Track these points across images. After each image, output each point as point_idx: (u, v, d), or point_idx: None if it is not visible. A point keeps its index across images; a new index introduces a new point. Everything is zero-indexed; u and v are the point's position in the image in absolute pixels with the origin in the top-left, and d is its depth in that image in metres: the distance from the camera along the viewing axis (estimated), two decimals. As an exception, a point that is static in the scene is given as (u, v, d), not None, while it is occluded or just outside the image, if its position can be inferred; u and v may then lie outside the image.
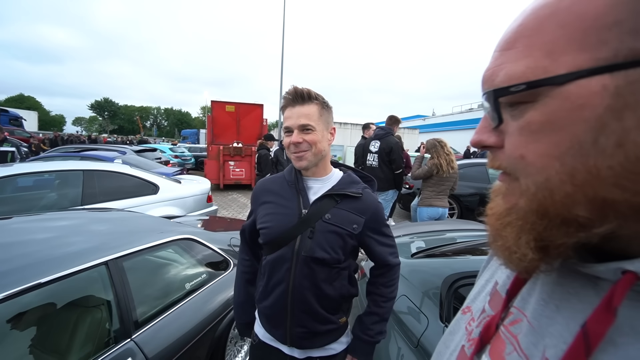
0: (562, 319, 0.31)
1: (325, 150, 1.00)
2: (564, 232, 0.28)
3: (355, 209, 1.00)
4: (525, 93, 0.28)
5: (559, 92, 0.26)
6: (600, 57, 0.24)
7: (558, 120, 0.26)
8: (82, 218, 2.01)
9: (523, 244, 0.31)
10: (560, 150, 0.26)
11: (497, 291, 0.42)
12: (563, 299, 0.32)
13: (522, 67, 0.28)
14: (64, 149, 7.87)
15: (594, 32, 0.24)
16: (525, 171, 0.29)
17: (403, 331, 1.52)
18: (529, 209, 0.30)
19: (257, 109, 10.30)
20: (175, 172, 5.98)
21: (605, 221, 0.26)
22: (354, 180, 1.05)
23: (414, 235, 2.54)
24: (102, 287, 1.39)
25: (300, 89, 0.95)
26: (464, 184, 5.54)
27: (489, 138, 0.33)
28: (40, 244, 1.45)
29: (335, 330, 1.05)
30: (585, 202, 0.26)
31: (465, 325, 0.45)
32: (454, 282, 1.44)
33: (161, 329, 1.48)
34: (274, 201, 1.04)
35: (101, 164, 4.01)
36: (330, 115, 1.01)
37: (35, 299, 1.20)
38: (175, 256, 1.90)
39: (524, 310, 0.35)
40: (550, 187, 0.27)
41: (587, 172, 0.25)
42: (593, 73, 0.24)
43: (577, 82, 0.25)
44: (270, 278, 1.02)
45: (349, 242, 0.99)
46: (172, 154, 12.31)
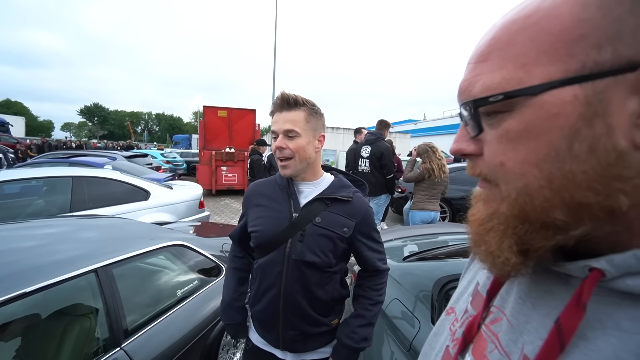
0: (538, 316, 0.32)
1: (312, 157, 1.00)
2: (542, 236, 0.29)
3: (346, 213, 1.00)
4: (502, 103, 0.29)
5: (535, 101, 0.27)
6: (570, 68, 0.26)
7: (535, 128, 0.28)
8: (71, 225, 1.97)
9: (506, 248, 0.32)
10: (538, 157, 0.28)
11: (479, 291, 0.43)
12: (538, 296, 0.33)
13: (498, 78, 0.29)
14: (52, 155, 7.75)
15: (561, 45, 0.26)
16: (505, 178, 0.31)
17: (396, 335, 1.52)
18: (510, 214, 0.31)
19: (249, 114, 10.28)
20: (167, 178, 5.92)
21: (581, 224, 0.28)
22: (344, 184, 1.06)
23: (406, 239, 2.55)
24: (91, 295, 1.36)
25: (288, 95, 0.96)
26: (455, 187, 5.59)
27: (468, 146, 0.34)
28: (26, 252, 1.42)
29: (327, 333, 1.05)
30: (563, 205, 0.27)
31: (449, 326, 0.46)
32: (445, 284, 1.46)
33: (152, 337, 1.46)
34: (265, 204, 1.05)
35: (91, 170, 3.95)
36: (319, 122, 1.01)
37: (21, 309, 1.18)
38: (167, 263, 1.88)
39: (503, 309, 0.37)
40: (529, 193, 0.29)
41: (563, 177, 0.27)
42: (564, 84, 0.26)
43: (550, 92, 0.27)
44: (261, 282, 1.03)
45: (339, 245, 0.99)
46: (164, 160, 12.18)
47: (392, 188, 4.27)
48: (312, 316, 1.00)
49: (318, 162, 1.06)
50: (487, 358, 0.35)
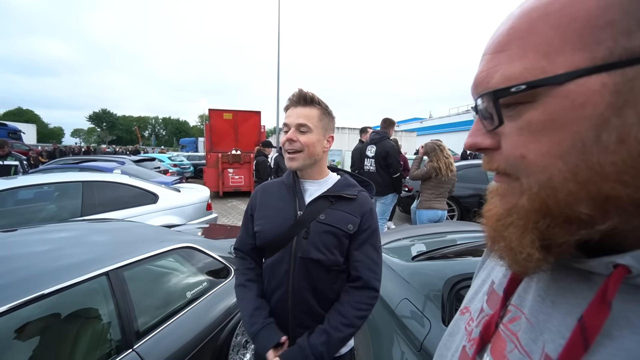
0: (558, 315, 0.31)
1: (320, 155, 1.01)
2: (566, 230, 0.28)
3: (351, 210, 1.00)
4: (524, 93, 0.28)
5: (559, 91, 0.26)
6: (597, 56, 0.25)
7: (559, 119, 0.27)
8: (82, 229, 2.01)
9: (528, 244, 0.30)
10: (563, 149, 0.27)
11: (494, 290, 0.42)
12: (558, 294, 0.33)
13: (518, 68, 0.28)
14: (62, 161, 7.89)
15: (588, 32, 0.25)
16: (526, 170, 0.29)
17: (406, 335, 1.51)
18: (530, 208, 0.30)
19: (254, 116, 10.34)
20: (175, 181, 5.98)
21: (608, 218, 0.26)
22: (350, 183, 1.07)
23: (414, 238, 2.54)
24: (103, 297, 1.38)
25: (305, 92, 0.99)
26: (463, 185, 5.55)
27: (484, 140, 0.33)
28: (40, 256, 1.45)
29: None
30: (588, 199, 0.26)
31: (465, 326, 0.45)
32: (456, 283, 1.44)
33: (163, 339, 1.48)
34: (271, 204, 1.06)
35: (100, 174, 4.02)
36: (330, 123, 1.04)
37: (36, 311, 1.20)
38: (176, 265, 1.90)
39: (521, 308, 0.36)
40: (553, 186, 0.28)
41: (590, 169, 0.26)
42: (591, 72, 0.25)
43: (577, 81, 0.26)
44: (270, 282, 1.03)
45: (344, 242, 0.99)
46: (171, 163, 12.30)
47: (398, 187, 4.24)
48: (321, 314, 0.99)
49: (324, 161, 1.07)
50: (507, 358, 0.34)
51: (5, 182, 3.08)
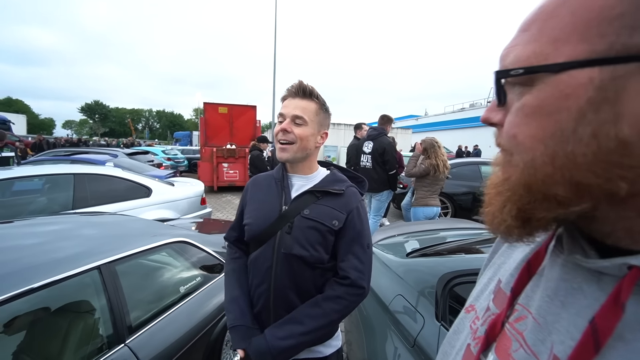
0: (568, 315, 0.31)
1: (311, 150, 1.01)
2: (545, 207, 0.30)
3: (337, 206, 0.98)
4: (524, 77, 0.29)
5: (553, 79, 0.27)
6: (596, 49, 0.25)
7: (547, 106, 0.28)
8: (73, 222, 1.97)
9: (506, 212, 0.33)
10: (545, 134, 0.28)
11: (501, 289, 0.42)
12: (568, 294, 0.32)
13: (529, 51, 0.29)
14: (53, 153, 7.74)
15: (595, 23, 0.25)
16: (516, 149, 0.31)
17: (399, 330, 1.52)
18: (517, 183, 0.32)
19: (250, 110, 10.25)
20: (168, 175, 5.92)
21: (581, 201, 0.28)
22: (338, 178, 1.05)
23: (408, 235, 2.55)
24: (95, 292, 1.36)
25: (305, 84, 0.98)
26: (457, 183, 5.60)
27: (495, 116, 0.35)
28: (30, 249, 1.42)
29: None
30: (563, 182, 0.28)
31: (470, 324, 0.45)
32: (449, 280, 1.45)
33: (155, 334, 1.46)
34: (260, 197, 1.06)
35: (92, 167, 3.95)
36: (326, 119, 1.03)
37: (26, 305, 1.17)
38: (169, 259, 1.88)
39: (528, 307, 0.36)
40: (534, 166, 0.29)
41: (565, 157, 0.27)
42: (584, 65, 0.25)
43: (570, 72, 0.26)
44: (253, 277, 1.03)
45: (329, 238, 0.96)
46: (165, 157, 12.17)
47: (394, 184, 4.25)
48: None
49: (315, 157, 1.06)
50: (512, 357, 0.34)
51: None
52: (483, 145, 17.19)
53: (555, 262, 0.35)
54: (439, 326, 1.37)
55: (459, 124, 25.12)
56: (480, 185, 5.67)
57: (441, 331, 1.35)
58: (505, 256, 0.46)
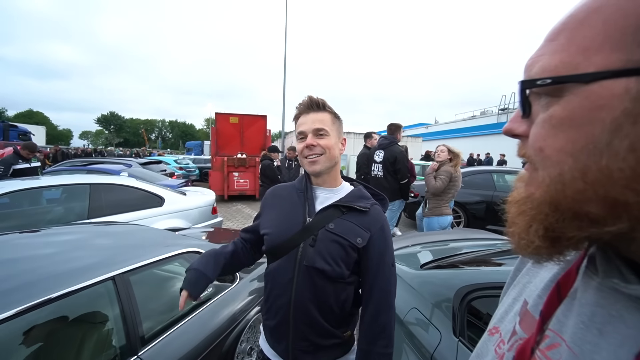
0: (608, 346, 0.29)
1: (337, 157, 1.01)
2: (575, 226, 0.28)
3: (361, 223, 0.97)
4: (551, 87, 0.28)
5: (583, 90, 0.26)
6: (633, 58, 0.24)
7: (577, 118, 0.26)
8: (88, 232, 2.00)
9: (532, 232, 0.31)
10: (575, 147, 0.27)
11: (528, 311, 0.39)
12: (606, 322, 0.30)
13: (557, 60, 0.28)
14: (70, 163, 7.97)
15: (632, 32, 0.24)
16: (542, 163, 0.30)
17: (414, 345, 1.47)
18: (542, 200, 0.30)
19: (260, 120, 10.39)
20: (180, 184, 6.00)
21: (618, 221, 0.26)
22: (363, 195, 1.04)
23: (422, 246, 2.50)
24: (109, 302, 1.37)
25: (316, 97, 1.00)
26: (469, 192, 5.50)
27: (519, 127, 0.33)
28: (46, 260, 1.45)
29: (339, 345, 1.01)
30: (597, 199, 0.26)
31: (495, 348, 0.42)
32: (467, 294, 1.40)
33: (168, 345, 1.46)
34: (281, 207, 1.05)
35: (107, 177, 4.04)
36: (340, 127, 1.04)
37: (42, 316, 1.19)
38: (181, 270, 1.88)
39: (561, 334, 0.33)
40: (563, 182, 0.28)
41: (598, 172, 0.25)
42: (619, 75, 0.24)
43: (602, 82, 0.25)
44: (272, 289, 1.01)
45: (351, 255, 0.95)
46: (177, 166, 12.38)
47: (406, 193, 4.21)
48: (324, 326, 0.96)
49: (339, 167, 1.05)
50: None
51: (13, 184, 3.11)
52: (494, 153, 16.93)
53: (589, 284, 0.33)
54: (457, 342, 1.33)
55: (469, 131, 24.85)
56: (493, 194, 5.55)
57: (459, 347, 1.30)
58: (531, 275, 0.44)
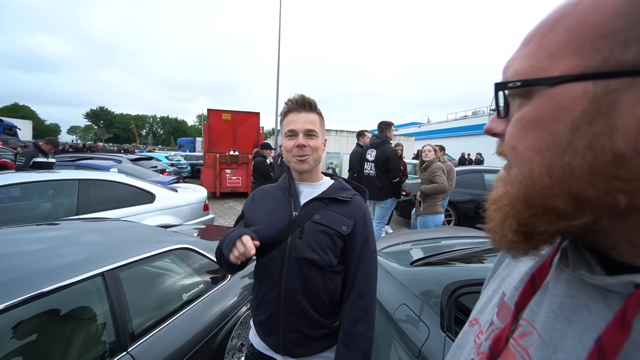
0: (574, 333, 0.30)
1: (321, 157, 1.06)
2: (545, 221, 0.30)
3: (345, 212, 1.02)
4: (522, 90, 0.30)
5: (549, 92, 0.28)
6: (590, 64, 0.26)
7: (543, 118, 0.28)
8: (77, 228, 1.98)
9: (506, 227, 0.33)
10: (542, 146, 0.29)
11: (505, 302, 0.41)
12: (573, 311, 0.32)
13: (527, 64, 0.30)
14: (58, 158, 7.81)
15: (590, 39, 0.26)
16: (515, 161, 0.32)
17: (403, 340, 1.50)
18: (515, 196, 0.32)
19: (253, 117, 10.32)
20: (172, 181, 5.95)
21: (582, 215, 0.28)
22: (344, 186, 1.09)
23: (412, 243, 2.53)
24: (98, 299, 1.36)
25: (308, 97, 1.03)
26: (460, 191, 5.57)
27: (498, 126, 0.35)
28: (32, 256, 1.43)
29: (329, 336, 1.03)
30: (562, 195, 0.28)
31: (474, 338, 0.44)
32: (454, 290, 1.43)
33: (158, 341, 1.45)
34: (267, 205, 1.09)
35: (97, 173, 3.98)
36: (324, 127, 1.08)
37: (28, 312, 1.17)
38: (172, 266, 1.88)
39: (533, 323, 0.35)
40: (532, 178, 0.29)
41: (562, 168, 0.27)
42: (579, 79, 0.26)
43: (564, 85, 0.27)
44: (262, 283, 1.04)
45: (338, 243, 0.99)
46: (169, 163, 12.24)
47: (398, 192, 4.24)
48: (313, 317, 0.99)
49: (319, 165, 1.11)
50: None
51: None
52: (486, 153, 17.16)
53: (560, 276, 0.35)
54: (444, 337, 1.35)
55: (461, 131, 25.11)
56: (483, 193, 5.63)
57: (446, 342, 1.33)
58: (510, 268, 0.46)
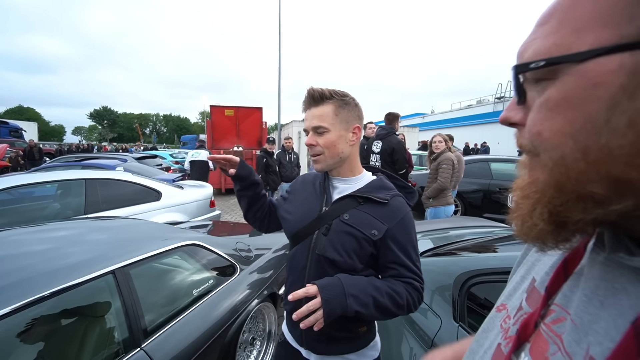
0: (608, 316, 0.29)
1: (345, 151, 0.96)
2: (581, 208, 0.28)
3: (379, 215, 0.93)
4: (545, 70, 0.28)
5: (577, 69, 0.26)
6: (624, 34, 0.23)
7: (573, 98, 0.26)
8: (87, 227, 1.99)
9: (536, 215, 0.31)
10: (574, 128, 0.26)
11: (535, 288, 0.40)
12: (609, 294, 0.30)
13: (549, 43, 0.28)
14: (64, 159, 7.88)
15: (623, 6, 0.24)
16: (543, 147, 0.30)
17: (415, 331, 1.50)
18: (547, 183, 0.30)
19: (256, 112, 10.29)
20: (177, 178, 5.97)
21: (622, 199, 0.25)
22: (384, 185, 0.99)
23: (422, 234, 2.52)
24: (110, 296, 1.37)
25: (314, 90, 0.94)
26: (467, 181, 5.52)
27: (516, 115, 0.33)
28: (44, 255, 1.44)
29: (353, 339, 1.00)
30: (600, 179, 0.26)
31: (501, 323, 0.43)
32: (466, 280, 1.42)
33: (170, 337, 1.47)
34: (302, 195, 1.09)
35: (103, 172, 4.00)
36: (351, 113, 0.96)
37: (43, 311, 1.18)
38: (181, 262, 1.89)
39: (567, 308, 0.33)
40: (565, 164, 0.27)
41: (599, 151, 0.25)
42: (612, 51, 0.24)
43: (596, 59, 0.25)
44: (289, 275, 1.06)
45: (366, 248, 0.92)
46: (173, 160, 12.29)
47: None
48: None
49: (355, 156, 1.01)
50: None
51: (8, 179, 3.07)
52: (491, 142, 16.98)
53: (596, 260, 0.33)
54: (457, 327, 1.35)
55: (466, 121, 24.84)
56: (490, 183, 5.59)
57: (459, 332, 1.32)
58: (540, 253, 0.44)
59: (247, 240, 2.63)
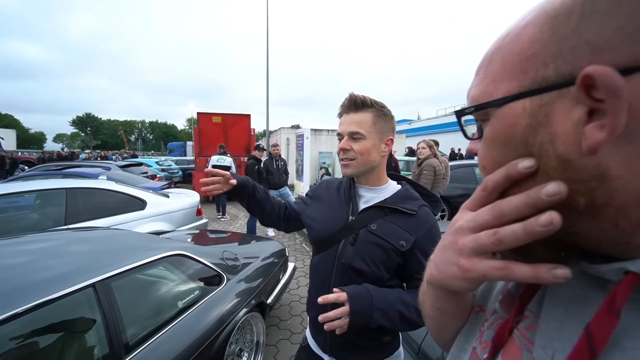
0: (571, 323, 0.30)
1: (376, 160, 0.96)
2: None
3: (407, 226, 0.92)
4: (478, 113, 0.34)
5: (498, 113, 0.32)
6: (523, 84, 0.30)
7: (500, 136, 0.32)
8: (66, 238, 1.92)
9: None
10: (507, 161, 0.31)
11: (509, 291, 0.41)
12: (571, 302, 0.32)
13: (478, 91, 0.34)
14: (44, 167, 7.62)
15: (518, 63, 0.30)
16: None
17: (403, 337, 1.50)
18: None
19: (244, 119, 10.24)
20: (163, 186, 5.86)
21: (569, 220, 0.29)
22: (410, 195, 0.99)
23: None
24: (90, 311, 1.32)
25: (356, 96, 0.93)
26: (453, 185, 5.61)
27: (476, 146, 0.38)
28: (19, 269, 1.38)
29: (377, 348, 0.99)
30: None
31: (479, 327, 0.44)
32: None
33: (154, 351, 1.42)
34: (327, 201, 1.07)
35: (85, 181, 3.89)
36: (387, 125, 0.96)
37: (15, 329, 1.13)
38: (166, 273, 1.84)
39: (539, 314, 0.35)
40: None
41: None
42: (516, 98, 0.30)
43: (508, 105, 0.31)
44: (313, 282, 1.05)
45: (393, 258, 0.91)
46: (159, 168, 12.06)
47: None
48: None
49: (382, 167, 1.01)
50: None
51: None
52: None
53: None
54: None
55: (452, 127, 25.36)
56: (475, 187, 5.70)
57: (446, 337, 1.33)
58: None
59: (234, 249, 2.59)
